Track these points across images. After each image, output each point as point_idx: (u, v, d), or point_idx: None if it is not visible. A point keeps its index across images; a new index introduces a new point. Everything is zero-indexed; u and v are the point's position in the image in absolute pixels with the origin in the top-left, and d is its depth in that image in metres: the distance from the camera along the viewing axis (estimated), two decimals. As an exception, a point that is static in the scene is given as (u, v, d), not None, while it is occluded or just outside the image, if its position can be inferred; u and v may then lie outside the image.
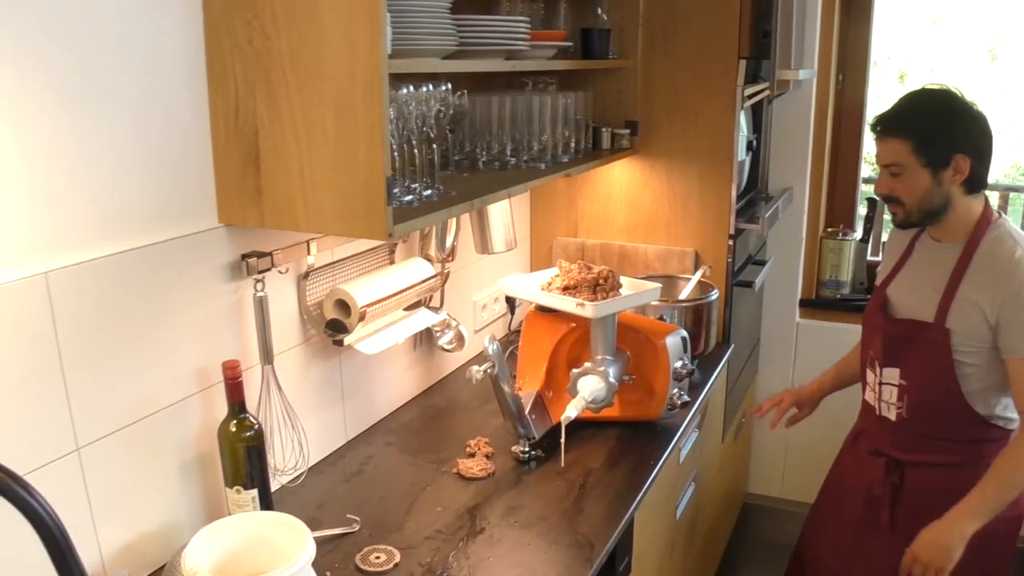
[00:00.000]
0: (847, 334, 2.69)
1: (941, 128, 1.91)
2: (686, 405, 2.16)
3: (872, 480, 2.14)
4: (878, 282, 2.18)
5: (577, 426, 2.00)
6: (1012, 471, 1.88)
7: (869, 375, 2.16)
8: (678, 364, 2.11)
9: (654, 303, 2.40)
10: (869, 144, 2.94)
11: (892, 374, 2.06)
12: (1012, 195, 3.95)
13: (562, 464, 1.95)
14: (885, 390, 2.09)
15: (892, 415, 2.08)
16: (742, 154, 2.74)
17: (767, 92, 2.79)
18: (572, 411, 1.92)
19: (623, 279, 2.14)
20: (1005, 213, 3.70)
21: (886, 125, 1.95)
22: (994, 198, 3.89)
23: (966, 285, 1.93)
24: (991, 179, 2.04)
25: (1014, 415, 1.97)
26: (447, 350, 2.36)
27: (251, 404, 1.63)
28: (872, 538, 2.15)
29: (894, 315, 2.08)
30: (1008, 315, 1.88)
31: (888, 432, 2.11)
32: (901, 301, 2.08)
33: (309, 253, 1.80)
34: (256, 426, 1.57)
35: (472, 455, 2.00)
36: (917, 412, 2.04)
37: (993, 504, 1.86)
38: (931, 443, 2.04)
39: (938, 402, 2.01)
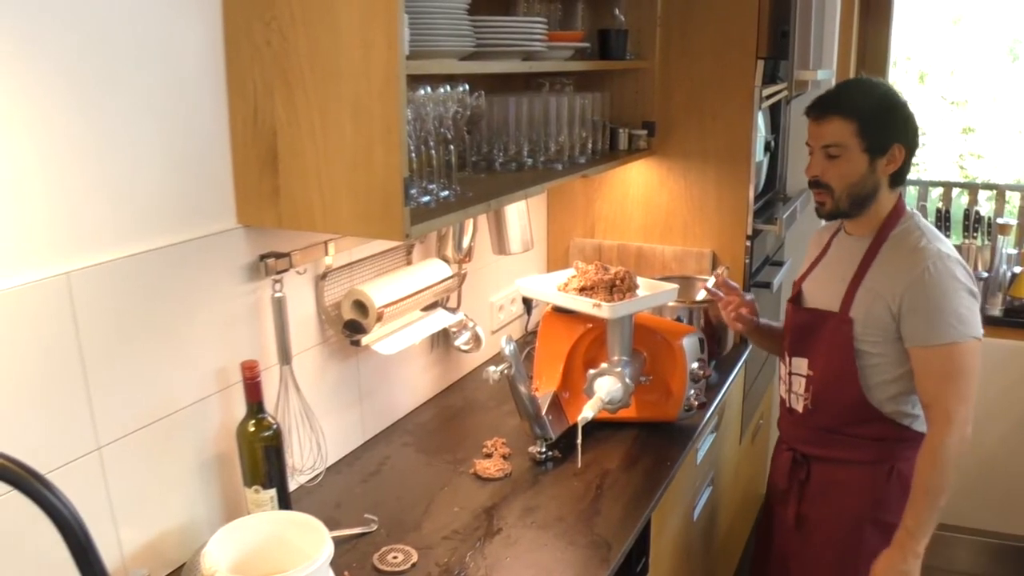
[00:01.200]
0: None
1: (884, 114, 1.90)
2: (703, 406, 2.15)
3: (783, 475, 2.15)
4: (796, 279, 2.19)
5: (594, 427, 1.99)
6: (933, 475, 1.83)
7: (781, 368, 2.16)
8: (695, 365, 2.11)
9: (671, 304, 2.40)
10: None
11: (800, 364, 2.06)
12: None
13: (579, 465, 1.95)
14: (795, 381, 2.09)
15: (800, 407, 2.08)
16: (760, 155, 2.73)
17: (785, 93, 2.78)
18: (589, 412, 1.92)
19: (640, 280, 2.14)
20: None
21: (830, 104, 1.91)
22: (1015, 198, 3.86)
23: (871, 275, 1.94)
24: (1013, 179, 2.04)
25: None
26: (464, 351, 2.36)
27: (269, 404, 1.64)
28: (784, 537, 2.16)
29: (804, 304, 2.09)
30: (910, 303, 1.86)
31: (796, 425, 2.11)
32: (813, 294, 2.09)
33: (327, 254, 1.81)
34: (274, 426, 1.58)
35: (489, 456, 2.00)
36: (821, 405, 2.03)
37: (929, 513, 1.83)
38: (834, 438, 2.02)
39: (840, 394, 1.99)
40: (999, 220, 3.40)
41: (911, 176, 2.35)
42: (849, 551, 2.02)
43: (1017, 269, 3.32)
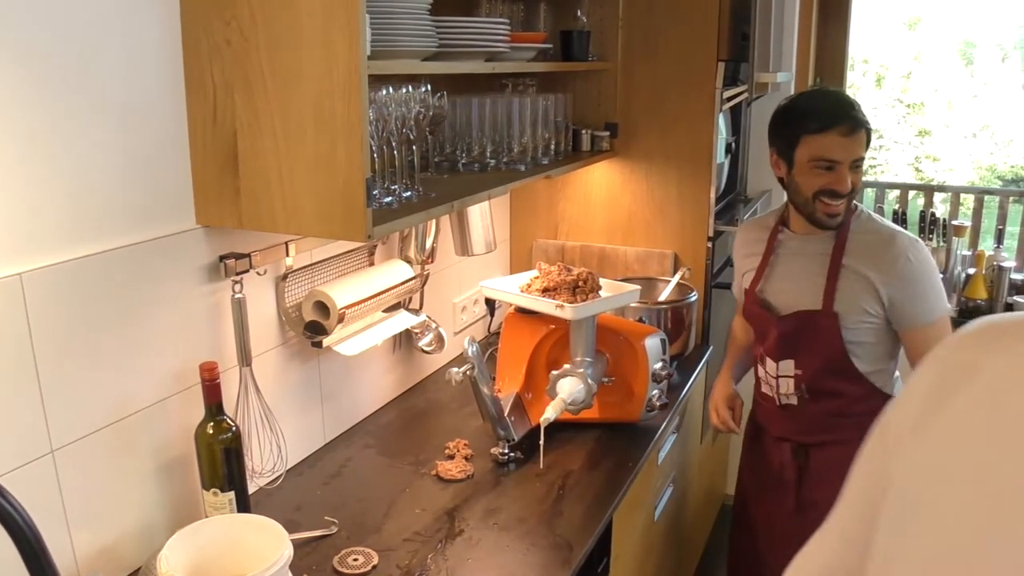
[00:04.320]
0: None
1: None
2: (665, 407, 2.16)
3: (781, 466, 2.19)
4: (745, 284, 2.20)
5: (556, 428, 2.00)
6: None
7: (762, 370, 2.20)
8: (657, 366, 2.12)
9: (633, 305, 2.41)
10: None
11: (787, 366, 2.11)
12: (987, 198, 3.99)
13: (541, 466, 1.95)
14: (782, 383, 2.13)
15: (794, 401, 2.13)
16: (721, 156, 2.76)
17: (746, 95, 2.80)
18: (551, 413, 1.92)
19: (602, 281, 2.14)
20: (980, 216, 3.76)
21: (858, 119, 1.95)
22: (969, 200, 3.94)
23: (847, 266, 2.01)
24: (967, 181, 2.13)
25: None
26: (427, 352, 2.36)
27: (229, 406, 1.62)
28: (788, 524, 2.19)
29: (779, 312, 2.11)
30: (899, 292, 1.98)
31: (791, 418, 2.15)
32: (782, 298, 2.11)
33: (288, 255, 1.79)
34: (234, 428, 1.56)
35: (451, 457, 2.00)
36: (816, 396, 2.09)
37: None
38: (833, 421, 2.09)
39: (836, 383, 2.07)
40: (954, 222, 3.46)
41: (869, 178, 2.39)
42: None
43: (971, 271, 3.38)
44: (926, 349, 2.01)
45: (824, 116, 1.94)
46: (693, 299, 2.57)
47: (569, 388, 1.99)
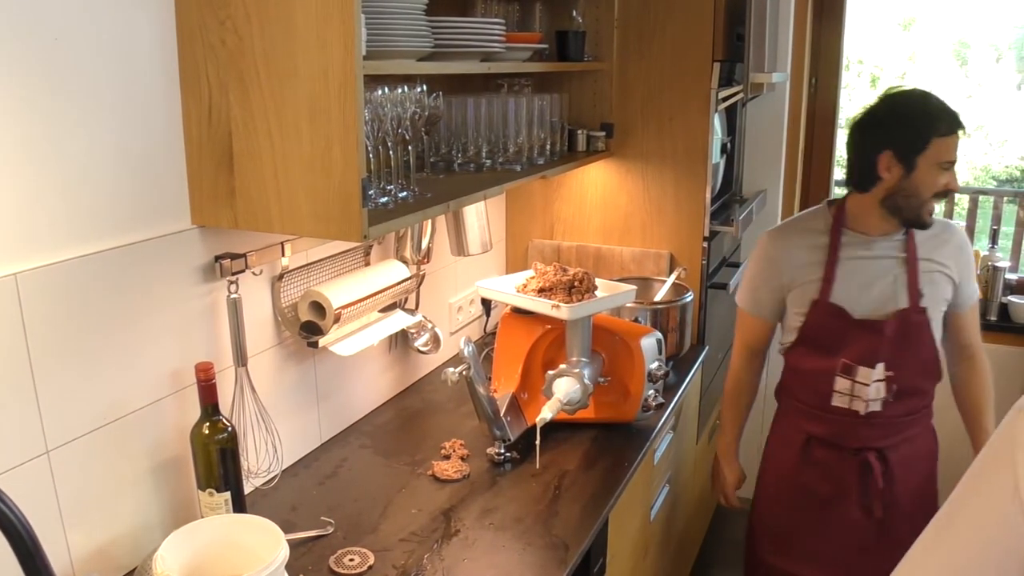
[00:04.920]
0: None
1: None
2: (661, 407, 2.17)
3: (860, 476, 2.12)
4: (812, 296, 2.10)
5: (552, 428, 2.00)
6: (991, 391, 2.22)
7: (841, 382, 2.08)
8: (653, 366, 2.12)
9: (629, 305, 2.41)
10: (842, 147, 2.97)
11: (880, 370, 2.05)
12: (981, 198, 4.00)
13: (537, 466, 1.95)
14: (873, 389, 2.05)
15: (879, 407, 2.08)
16: (716, 156, 2.76)
17: (741, 95, 2.81)
18: (547, 413, 1.92)
19: (598, 281, 2.15)
20: (975, 216, 3.77)
21: (960, 123, 1.98)
22: (964, 200, 3.95)
23: (923, 260, 2.07)
24: (961, 182, 2.15)
25: None
26: (423, 352, 2.36)
27: (224, 406, 1.62)
28: (859, 534, 2.16)
29: (861, 317, 2.06)
30: (963, 273, 2.12)
31: (874, 426, 2.09)
32: (862, 302, 2.06)
33: (283, 255, 1.79)
34: (229, 428, 1.56)
35: (447, 457, 2.00)
36: (901, 397, 2.09)
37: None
38: (908, 420, 2.12)
39: (923, 381, 2.12)
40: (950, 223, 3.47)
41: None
42: (931, 502, 2.17)
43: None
44: (973, 326, 2.17)
45: (950, 118, 1.96)
46: (689, 299, 2.57)
47: (565, 388, 1.99)
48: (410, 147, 1.72)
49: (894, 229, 2.07)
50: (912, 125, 1.97)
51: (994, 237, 3.52)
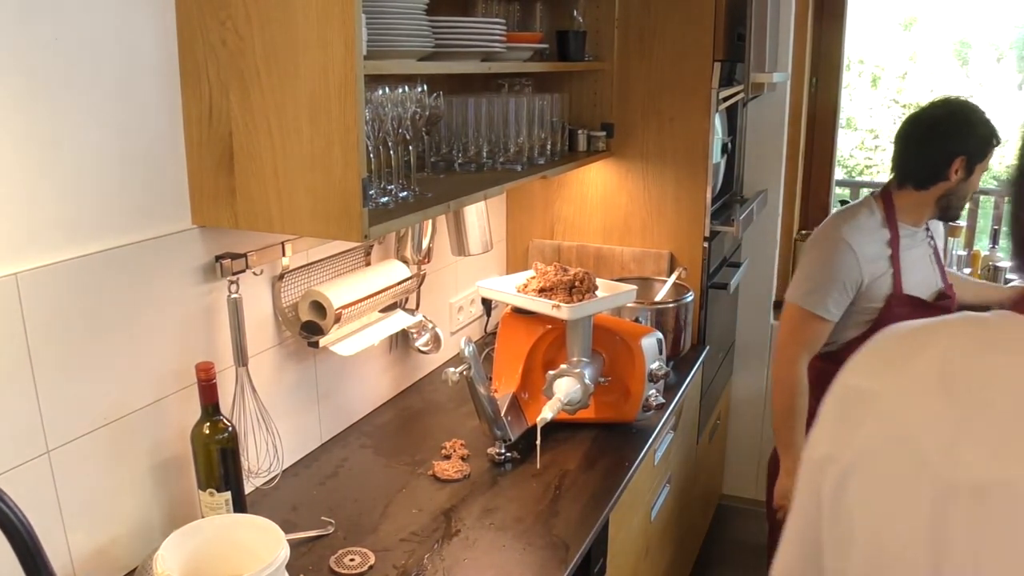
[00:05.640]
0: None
1: None
2: (661, 407, 2.16)
3: None
4: (886, 290, 2.16)
5: (553, 428, 2.00)
6: None
7: None
8: (654, 366, 2.12)
9: (630, 305, 2.41)
10: (842, 146, 2.97)
11: None
12: (982, 198, 4.00)
13: (538, 466, 1.95)
14: None
15: None
16: (717, 156, 2.76)
17: (742, 95, 2.81)
18: (547, 413, 1.92)
19: (599, 281, 2.15)
20: (976, 216, 3.77)
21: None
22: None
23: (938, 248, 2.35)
24: None
25: None
26: (423, 352, 2.36)
27: (225, 406, 1.62)
28: None
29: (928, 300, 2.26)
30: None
31: None
32: (920, 289, 2.25)
33: (284, 255, 1.79)
34: (230, 428, 1.56)
35: (448, 457, 2.00)
36: None
37: None
38: None
39: None
40: (950, 223, 3.47)
41: (865, 179, 2.44)
42: None
43: (967, 271, 3.38)
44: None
45: (997, 131, 2.18)
46: (689, 299, 2.57)
47: (566, 388, 1.99)
48: (411, 147, 1.72)
49: (918, 222, 2.27)
50: (983, 135, 2.15)
51: (995, 237, 3.51)
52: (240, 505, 1.59)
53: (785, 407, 2.24)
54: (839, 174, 3.72)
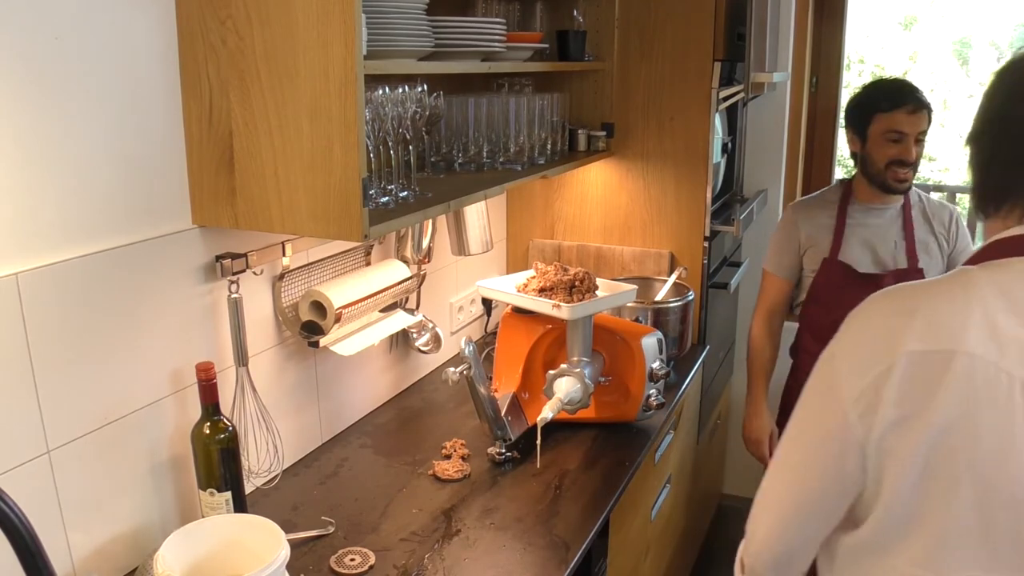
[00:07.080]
0: (821, 335, 2.71)
1: None
2: (661, 406, 2.16)
3: None
4: (821, 255, 2.46)
5: (553, 428, 2.00)
6: None
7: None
8: (654, 365, 2.12)
9: (630, 305, 2.41)
10: (843, 146, 2.98)
11: None
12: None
13: (538, 466, 1.95)
14: None
15: None
16: (717, 156, 2.76)
17: (742, 94, 2.81)
18: (548, 412, 1.92)
19: (599, 281, 2.14)
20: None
21: (921, 101, 2.31)
22: (965, 200, 3.94)
23: (918, 228, 2.44)
24: (962, 181, 2.27)
25: None
26: (423, 352, 2.36)
27: (225, 406, 1.62)
28: None
29: (864, 271, 2.39)
30: (959, 243, 2.46)
31: None
32: (864, 261, 2.41)
33: (284, 254, 1.79)
34: (230, 428, 1.56)
35: (448, 457, 2.00)
36: None
37: None
38: None
39: None
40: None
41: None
42: None
43: (967, 269, 3.39)
44: None
45: (893, 96, 2.32)
46: (690, 299, 2.57)
47: (566, 388, 1.99)
48: (411, 147, 1.72)
49: (884, 198, 2.43)
50: (860, 104, 2.38)
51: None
52: (240, 505, 1.59)
53: (749, 352, 2.68)
54: (839, 174, 3.72)
